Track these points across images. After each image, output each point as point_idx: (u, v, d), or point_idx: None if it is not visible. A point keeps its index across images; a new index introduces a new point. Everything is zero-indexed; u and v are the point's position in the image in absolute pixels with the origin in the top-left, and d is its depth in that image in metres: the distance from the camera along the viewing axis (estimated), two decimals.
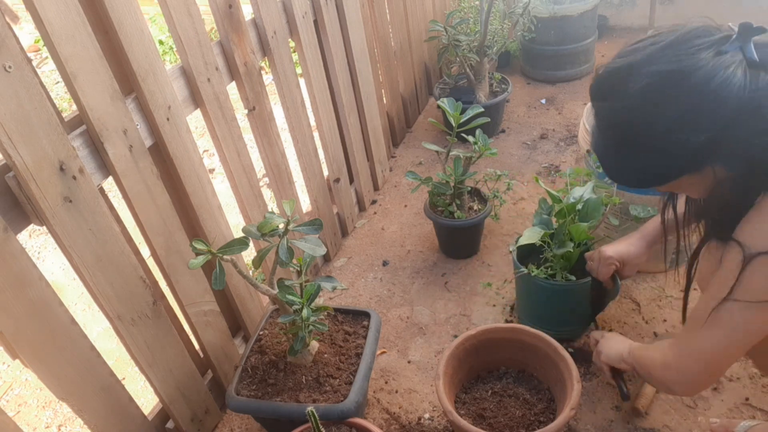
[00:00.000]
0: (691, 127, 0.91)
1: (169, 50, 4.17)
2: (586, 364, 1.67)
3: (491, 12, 2.63)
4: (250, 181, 1.72)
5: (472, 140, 1.97)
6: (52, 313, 1.14)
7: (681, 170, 0.97)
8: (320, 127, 2.10)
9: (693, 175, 0.97)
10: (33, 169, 1.07)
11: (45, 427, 1.90)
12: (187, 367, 1.53)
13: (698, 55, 0.89)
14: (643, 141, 0.96)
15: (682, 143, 0.92)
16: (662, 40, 0.94)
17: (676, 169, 0.97)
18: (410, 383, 1.73)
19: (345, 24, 2.14)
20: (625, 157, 1.01)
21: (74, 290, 2.43)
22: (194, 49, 1.43)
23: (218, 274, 1.28)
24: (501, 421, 1.45)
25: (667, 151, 0.95)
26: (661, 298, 1.84)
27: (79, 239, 1.18)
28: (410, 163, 2.78)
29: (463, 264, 2.13)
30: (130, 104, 1.28)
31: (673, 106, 0.91)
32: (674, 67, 0.90)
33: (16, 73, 1.02)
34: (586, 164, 2.00)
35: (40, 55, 4.92)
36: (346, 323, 1.63)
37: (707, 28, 0.93)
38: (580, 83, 3.23)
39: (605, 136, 1.02)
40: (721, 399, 1.53)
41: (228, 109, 1.58)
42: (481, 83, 2.78)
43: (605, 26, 3.66)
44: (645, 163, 0.99)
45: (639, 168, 1.01)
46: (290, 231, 1.34)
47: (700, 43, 0.90)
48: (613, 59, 0.99)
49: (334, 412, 1.37)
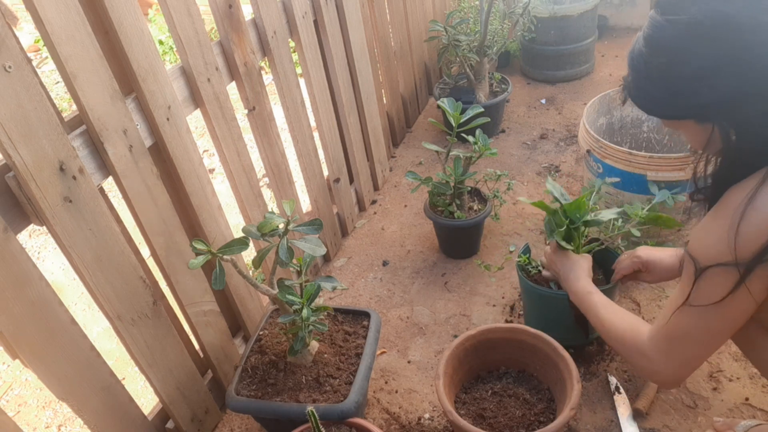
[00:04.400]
0: (721, 78, 0.91)
1: (169, 50, 4.17)
2: (586, 364, 1.67)
3: (491, 12, 2.63)
4: (250, 181, 1.72)
5: (472, 140, 1.97)
6: (52, 313, 1.14)
7: (689, 112, 0.99)
8: (320, 127, 2.10)
9: (696, 125, 1.00)
10: (33, 169, 1.07)
11: (45, 427, 1.90)
12: (187, 367, 1.53)
13: (764, 17, 0.88)
14: (671, 68, 0.96)
15: (704, 89, 0.93)
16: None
17: (684, 110, 0.99)
18: (410, 383, 1.73)
19: (345, 24, 2.14)
20: (649, 73, 1.01)
21: (74, 290, 2.43)
22: (194, 49, 1.43)
23: (218, 274, 1.28)
24: (501, 421, 1.45)
25: (686, 89, 0.96)
26: (661, 298, 1.84)
27: (79, 239, 1.18)
28: (410, 163, 2.78)
29: (463, 264, 2.13)
30: (130, 104, 1.28)
31: (715, 51, 0.91)
32: (741, 16, 0.89)
33: (16, 73, 1.02)
34: (586, 164, 2.00)
35: (40, 55, 4.92)
36: (346, 323, 1.63)
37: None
38: (580, 83, 3.23)
39: (644, 44, 1.01)
40: (721, 399, 1.53)
41: (228, 109, 1.58)
42: (481, 83, 2.78)
43: (605, 26, 3.66)
44: (662, 89, 0.99)
45: (655, 90, 1.01)
46: (290, 231, 1.34)
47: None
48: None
49: (334, 412, 1.37)
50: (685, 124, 1.02)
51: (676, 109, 1.00)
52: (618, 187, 1.86)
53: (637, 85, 1.04)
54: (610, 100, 2.10)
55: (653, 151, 2.18)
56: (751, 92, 0.90)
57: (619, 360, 1.67)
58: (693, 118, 0.99)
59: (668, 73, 0.97)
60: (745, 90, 0.90)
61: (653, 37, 0.99)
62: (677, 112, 1.01)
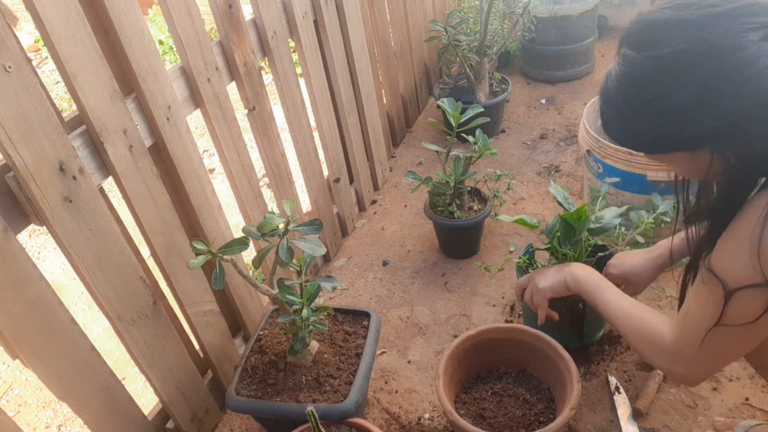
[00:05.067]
0: (708, 109, 0.88)
1: (169, 50, 4.17)
2: (586, 364, 1.67)
3: (491, 12, 2.63)
4: (250, 181, 1.72)
5: (472, 140, 1.97)
6: (52, 313, 1.14)
7: (679, 145, 0.95)
8: (320, 127, 2.10)
9: (687, 154, 0.96)
10: (33, 169, 1.07)
11: (45, 427, 1.90)
12: (187, 367, 1.53)
13: (746, 36, 0.85)
14: (655, 104, 0.92)
15: (693, 120, 0.90)
16: (722, 4, 0.87)
17: (675, 143, 0.95)
18: (410, 383, 1.73)
19: (345, 24, 2.14)
20: (630, 112, 0.96)
21: (74, 290, 2.43)
22: (194, 49, 1.43)
23: (218, 274, 1.28)
24: (501, 421, 1.45)
25: (675, 122, 0.92)
26: (661, 298, 1.84)
27: (79, 239, 1.18)
28: (410, 163, 2.78)
29: (463, 264, 2.13)
30: (130, 104, 1.28)
31: (699, 81, 0.87)
32: (719, 41, 0.85)
33: (16, 73, 1.01)
34: (586, 164, 2.00)
35: (40, 55, 4.92)
36: (346, 323, 1.63)
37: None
38: (580, 83, 3.23)
39: (620, 83, 0.96)
40: (721, 399, 1.53)
41: (228, 109, 1.58)
42: (481, 83, 2.78)
43: (605, 26, 3.66)
44: (647, 125, 0.95)
45: (639, 128, 0.97)
46: (290, 231, 1.34)
47: (753, 22, 0.85)
48: (661, 8, 0.92)
49: (334, 412, 1.37)
50: (675, 157, 0.99)
51: (666, 144, 0.96)
52: (618, 187, 1.87)
53: (618, 126, 1.00)
54: None
55: None
56: (747, 113, 0.86)
57: (619, 360, 1.67)
58: (684, 150, 0.95)
59: (654, 110, 0.93)
60: (741, 112, 0.87)
61: (631, 75, 0.94)
62: (668, 147, 0.97)
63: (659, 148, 0.99)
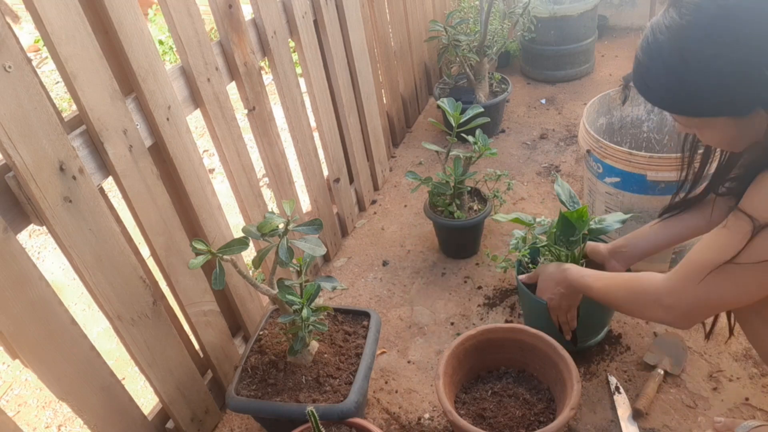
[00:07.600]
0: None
1: (169, 50, 4.17)
2: (586, 364, 1.67)
3: (491, 12, 2.63)
4: (250, 181, 1.72)
5: (472, 140, 1.97)
6: (52, 313, 1.14)
7: (735, 107, 0.88)
8: (320, 127, 2.10)
9: (732, 119, 0.90)
10: (33, 169, 1.07)
11: (45, 427, 1.90)
12: (187, 367, 1.53)
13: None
14: (719, 58, 0.85)
15: (752, 73, 0.83)
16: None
17: (732, 104, 0.88)
18: (410, 383, 1.73)
19: (345, 24, 2.14)
20: (685, 68, 0.88)
21: (74, 290, 2.43)
22: (194, 49, 1.43)
23: (218, 274, 1.28)
24: (501, 421, 1.45)
25: (739, 79, 0.85)
26: None
27: (79, 239, 1.18)
28: (410, 163, 2.78)
29: (463, 264, 2.13)
30: (130, 104, 1.28)
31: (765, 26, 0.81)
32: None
33: (16, 73, 1.02)
34: (586, 164, 2.00)
35: (40, 55, 4.92)
36: (346, 323, 1.63)
37: None
38: (580, 83, 3.23)
39: (677, 34, 0.88)
40: (721, 399, 1.53)
41: (228, 109, 1.58)
42: (481, 83, 2.78)
43: (605, 26, 3.66)
44: (705, 82, 0.88)
45: (695, 86, 0.89)
46: (290, 231, 1.34)
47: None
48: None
49: (334, 412, 1.37)
50: (717, 122, 0.92)
51: (721, 106, 0.89)
52: (618, 187, 1.86)
53: (666, 84, 0.92)
54: (610, 100, 2.09)
55: (653, 151, 2.18)
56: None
57: (619, 360, 1.67)
58: (735, 113, 0.89)
59: (718, 64, 0.84)
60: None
61: (693, 24, 0.85)
62: (720, 109, 0.89)
63: (710, 110, 0.92)
